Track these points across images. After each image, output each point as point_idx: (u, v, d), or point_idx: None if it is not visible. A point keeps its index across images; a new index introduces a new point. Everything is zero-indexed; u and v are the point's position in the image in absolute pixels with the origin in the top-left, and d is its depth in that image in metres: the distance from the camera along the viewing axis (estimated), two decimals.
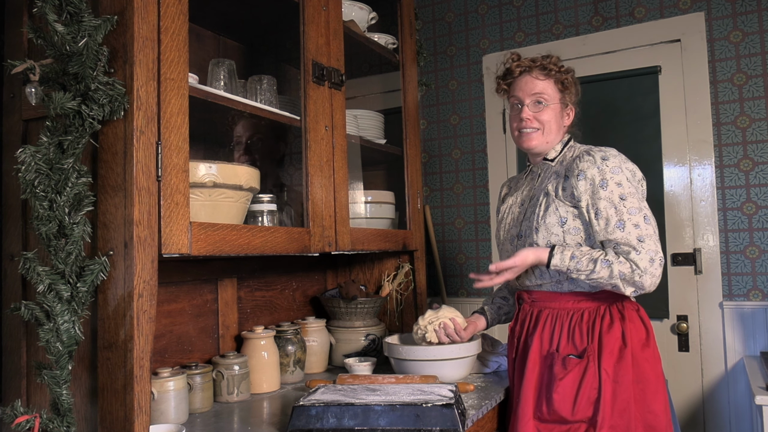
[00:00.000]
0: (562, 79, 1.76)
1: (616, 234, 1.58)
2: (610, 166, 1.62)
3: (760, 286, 2.53)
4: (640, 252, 1.56)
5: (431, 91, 3.26)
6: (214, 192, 1.48)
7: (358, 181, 2.23)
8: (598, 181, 1.61)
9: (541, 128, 1.75)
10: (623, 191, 1.60)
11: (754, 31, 2.57)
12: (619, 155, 1.66)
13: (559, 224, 1.66)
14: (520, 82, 1.77)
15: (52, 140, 1.24)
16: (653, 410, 1.59)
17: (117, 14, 1.26)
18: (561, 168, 1.74)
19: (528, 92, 1.75)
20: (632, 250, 1.56)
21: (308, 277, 2.44)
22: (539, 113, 1.74)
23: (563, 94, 1.77)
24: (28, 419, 1.22)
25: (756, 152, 2.56)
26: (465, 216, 3.17)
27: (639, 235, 1.57)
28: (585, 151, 1.68)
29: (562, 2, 2.96)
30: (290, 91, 2.05)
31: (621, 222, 1.58)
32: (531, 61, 1.77)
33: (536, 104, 1.75)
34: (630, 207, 1.59)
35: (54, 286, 1.22)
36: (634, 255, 1.56)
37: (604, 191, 1.60)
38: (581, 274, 1.59)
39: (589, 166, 1.63)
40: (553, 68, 1.75)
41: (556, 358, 1.63)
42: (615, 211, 1.59)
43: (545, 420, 1.61)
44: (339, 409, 1.42)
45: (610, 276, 1.56)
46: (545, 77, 1.75)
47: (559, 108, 1.77)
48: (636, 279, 1.55)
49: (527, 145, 1.78)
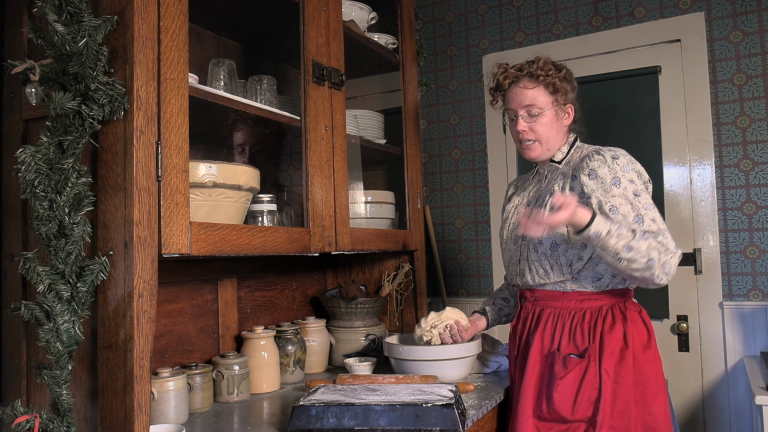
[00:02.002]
0: (552, 81, 1.73)
1: (635, 226, 1.57)
2: (621, 164, 1.62)
3: (760, 286, 2.53)
4: (666, 237, 1.56)
5: (431, 91, 3.26)
6: (214, 192, 1.48)
7: (358, 181, 2.23)
8: (610, 180, 1.61)
9: (538, 139, 1.75)
10: (636, 188, 1.61)
11: (754, 31, 2.57)
12: (628, 155, 1.67)
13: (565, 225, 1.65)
14: (511, 93, 1.77)
15: (52, 140, 1.24)
16: (653, 412, 1.59)
17: (117, 14, 1.26)
18: (568, 169, 1.73)
19: (520, 104, 1.75)
20: (659, 234, 1.56)
21: (308, 277, 2.44)
22: (534, 124, 1.74)
23: (555, 96, 1.74)
24: (28, 419, 1.22)
25: (756, 152, 2.56)
26: (465, 216, 3.17)
27: (658, 228, 1.57)
28: (594, 151, 1.68)
29: (562, 2, 2.96)
30: (290, 91, 2.05)
31: (639, 216, 1.58)
32: (518, 70, 1.75)
33: (530, 116, 1.74)
34: (645, 203, 1.60)
35: (54, 286, 1.22)
36: (661, 238, 1.55)
37: (618, 188, 1.60)
38: (620, 240, 1.51)
39: (600, 165, 1.63)
40: (541, 73, 1.73)
41: (557, 357, 1.63)
42: (631, 207, 1.59)
43: (545, 419, 1.61)
44: (339, 409, 1.42)
45: (648, 248, 1.51)
46: (534, 84, 1.73)
47: (554, 112, 1.75)
48: (664, 259, 1.53)
49: (529, 156, 1.78)
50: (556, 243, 1.67)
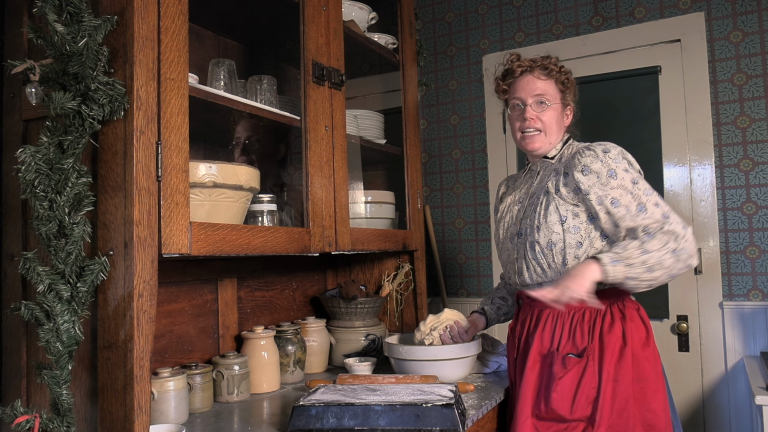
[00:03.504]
0: (563, 79, 1.77)
1: (639, 217, 1.58)
2: (612, 156, 1.63)
3: (760, 286, 2.53)
4: (671, 223, 1.57)
5: (431, 91, 3.26)
6: (214, 192, 1.48)
7: (358, 181, 2.23)
8: (605, 173, 1.61)
9: (543, 130, 1.75)
10: (633, 176, 1.62)
11: (754, 31, 2.57)
12: (617, 147, 1.67)
13: (560, 222, 1.66)
14: (522, 82, 1.77)
15: (52, 140, 1.24)
16: (653, 409, 1.59)
17: (117, 14, 1.26)
18: (560, 165, 1.74)
19: (530, 92, 1.75)
20: (665, 223, 1.56)
21: (308, 277, 2.44)
22: (542, 113, 1.75)
23: (564, 94, 1.78)
24: (28, 419, 1.22)
25: (756, 152, 2.56)
26: (465, 216, 3.17)
27: (663, 212, 1.58)
28: (584, 147, 1.68)
29: (562, 2, 2.96)
30: (290, 91, 2.05)
31: (641, 205, 1.59)
32: (532, 61, 1.78)
33: (539, 104, 1.75)
34: (644, 189, 1.61)
35: (54, 286, 1.22)
36: (667, 227, 1.56)
37: (615, 180, 1.60)
38: (635, 268, 1.52)
39: (592, 160, 1.63)
40: (554, 68, 1.76)
41: (556, 357, 1.63)
42: (632, 197, 1.59)
43: (543, 418, 1.61)
44: (339, 409, 1.42)
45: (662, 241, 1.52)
46: (546, 77, 1.75)
47: (560, 108, 1.78)
48: (681, 245, 1.54)
49: (530, 147, 1.78)
50: (552, 242, 1.67)
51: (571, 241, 1.65)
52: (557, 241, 1.66)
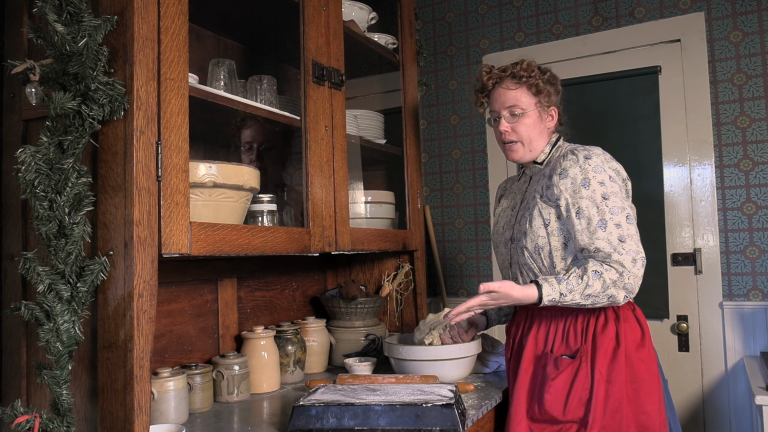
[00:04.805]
0: (535, 83, 1.74)
1: (597, 234, 1.57)
2: (593, 165, 1.62)
3: (760, 286, 2.53)
4: (621, 253, 1.56)
5: (431, 91, 3.26)
6: (214, 192, 1.48)
7: (358, 181, 2.23)
8: (579, 180, 1.61)
9: (521, 140, 1.76)
10: (606, 190, 1.60)
11: (754, 31, 2.57)
12: (603, 154, 1.66)
13: (544, 226, 1.67)
14: (494, 94, 1.79)
15: (52, 140, 1.24)
16: (647, 410, 1.59)
17: (117, 14, 1.26)
18: (548, 169, 1.74)
19: (503, 104, 1.76)
20: (614, 252, 1.56)
21: (308, 277, 2.44)
22: (516, 125, 1.75)
23: (539, 97, 1.76)
24: (28, 419, 1.22)
25: (756, 152, 2.56)
26: (465, 216, 3.17)
27: (620, 235, 1.57)
28: (570, 150, 1.68)
29: (562, 2, 2.96)
30: (290, 91, 2.05)
31: (603, 221, 1.58)
32: (501, 71, 1.78)
33: (513, 116, 1.76)
34: (612, 206, 1.59)
35: (54, 286, 1.22)
36: (616, 256, 1.55)
37: (587, 190, 1.60)
38: (575, 294, 1.56)
39: (571, 165, 1.63)
40: (524, 74, 1.74)
41: (549, 358, 1.63)
42: (597, 211, 1.59)
43: (537, 420, 1.61)
44: (339, 409, 1.42)
45: (603, 286, 1.55)
46: (517, 85, 1.75)
47: (537, 113, 1.76)
48: (625, 281, 1.55)
49: (512, 158, 1.80)
50: (539, 246, 1.68)
51: (557, 243, 1.66)
52: (543, 245, 1.67)
